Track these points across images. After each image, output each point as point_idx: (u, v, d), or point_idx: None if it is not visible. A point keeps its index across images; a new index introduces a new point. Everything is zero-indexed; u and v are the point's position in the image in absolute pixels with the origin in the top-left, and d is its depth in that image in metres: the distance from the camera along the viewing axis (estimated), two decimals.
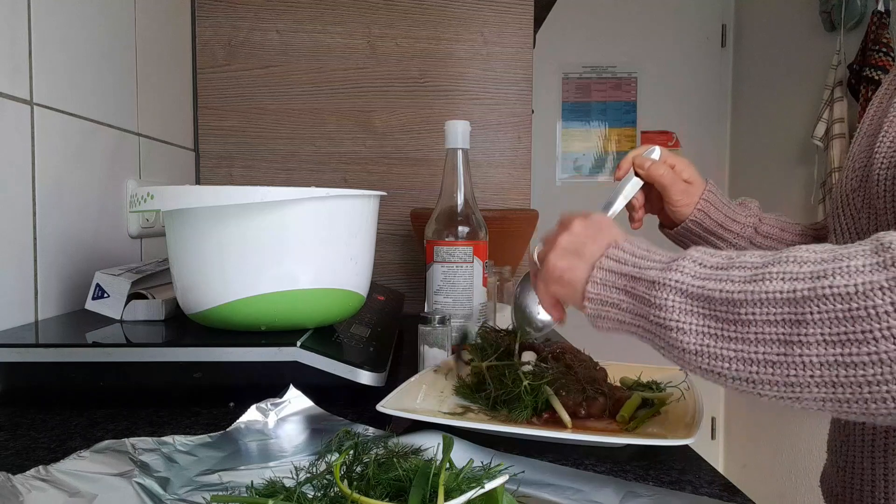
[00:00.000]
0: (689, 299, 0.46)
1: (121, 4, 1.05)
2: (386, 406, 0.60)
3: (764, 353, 0.42)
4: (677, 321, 0.46)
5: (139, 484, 0.47)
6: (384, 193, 0.81)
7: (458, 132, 0.90)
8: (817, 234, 0.82)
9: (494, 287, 0.98)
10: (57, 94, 0.87)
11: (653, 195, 0.80)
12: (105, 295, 0.80)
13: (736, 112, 2.90)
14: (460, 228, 0.90)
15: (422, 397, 0.67)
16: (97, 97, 0.98)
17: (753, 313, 0.42)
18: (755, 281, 0.43)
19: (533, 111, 1.45)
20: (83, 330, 0.75)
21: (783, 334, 0.41)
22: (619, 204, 0.74)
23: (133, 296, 0.81)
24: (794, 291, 0.41)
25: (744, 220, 0.80)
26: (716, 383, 0.46)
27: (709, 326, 0.45)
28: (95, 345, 0.68)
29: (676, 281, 0.46)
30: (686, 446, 0.59)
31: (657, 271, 0.48)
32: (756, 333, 0.42)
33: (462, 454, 0.52)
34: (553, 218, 0.73)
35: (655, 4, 2.88)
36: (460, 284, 0.90)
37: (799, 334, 0.40)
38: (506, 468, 0.42)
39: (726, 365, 0.44)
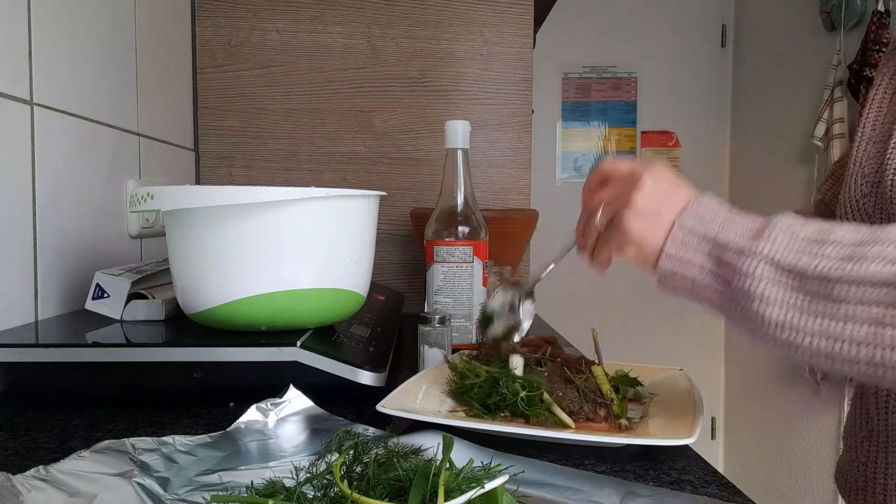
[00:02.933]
0: (779, 271, 0.45)
1: (121, 5, 1.05)
2: (386, 406, 0.60)
3: (851, 332, 0.42)
4: (763, 292, 0.45)
5: (139, 484, 0.47)
6: (384, 193, 0.81)
7: (458, 132, 0.90)
8: None
9: (494, 287, 0.98)
10: (57, 94, 0.87)
11: None
12: (105, 295, 0.80)
13: (736, 112, 2.90)
14: (460, 228, 0.90)
15: (422, 397, 0.67)
16: (97, 97, 0.98)
17: (848, 291, 0.42)
18: (852, 259, 0.43)
19: (533, 111, 1.45)
20: (83, 330, 0.75)
21: (876, 315, 0.41)
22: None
23: (133, 296, 0.81)
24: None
25: None
26: (785, 354, 0.46)
27: (796, 300, 0.44)
28: (95, 345, 0.68)
29: (769, 252, 0.45)
30: (686, 446, 0.59)
31: (747, 239, 0.47)
32: (847, 312, 0.42)
33: (462, 454, 0.52)
34: (553, 218, 0.72)
35: (655, 4, 2.88)
36: (460, 284, 0.90)
37: (894, 316, 0.41)
38: (506, 468, 0.42)
39: (808, 339, 0.44)
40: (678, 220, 0.50)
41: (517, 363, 0.66)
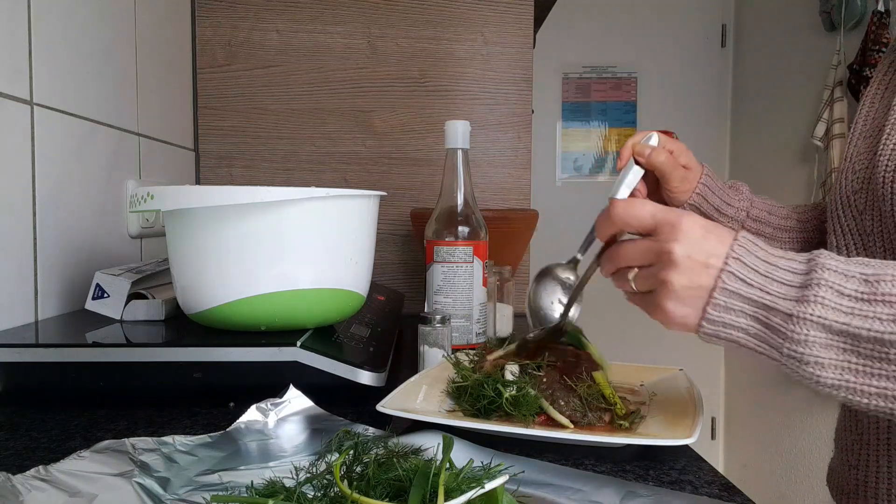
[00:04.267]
0: (830, 334, 0.44)
1: (121, 4, 1.05)
2: (386, 406, 0.60)
3: None
4: (816, 356, 0.45)
5: (139, 484, 0.47)
6: (384, 193, 0.81)
7: (458, 132, 0.90)
8: (800, 218, 0.82)
9: (494, 287, 0.98)
10: (57, 94, 0.87)
11: (649, 181, 0.78)
12: (105, 295, 0.80)
13: (736, 112, 2.90)
14: (460, 228, 0.90)
15: (422, 397, 0.67)
16: (97, 97, 0.98)
17: None
18: None
19: (533, 111, 1.45)
20: (83, 330, 0.75)
21: None
22: (623, 195, 0.71)
23: (133, 296, 0.81)
24: None
25: (738, 204, 0.80)
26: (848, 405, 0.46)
27: (849, 362, 0.44)
28: (95, 345, 0.68)
29: (818, 316, 0.44)
30: (686, 446, 0.59)
31: (792, 302, 0.45)
32: None
33: (462, 454, 0.52)
34: (553, 218, 0.72)
35: (655, 4, 2.88)
36: (460, 284, 0.90)
37: None
38: (506, 468, 0.42)
39: (865, 400, 0.44)
40: (718, 283, 0.47)
41: (512, 369, 0.66)
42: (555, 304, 0.68)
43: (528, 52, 1.42)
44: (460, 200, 0.91)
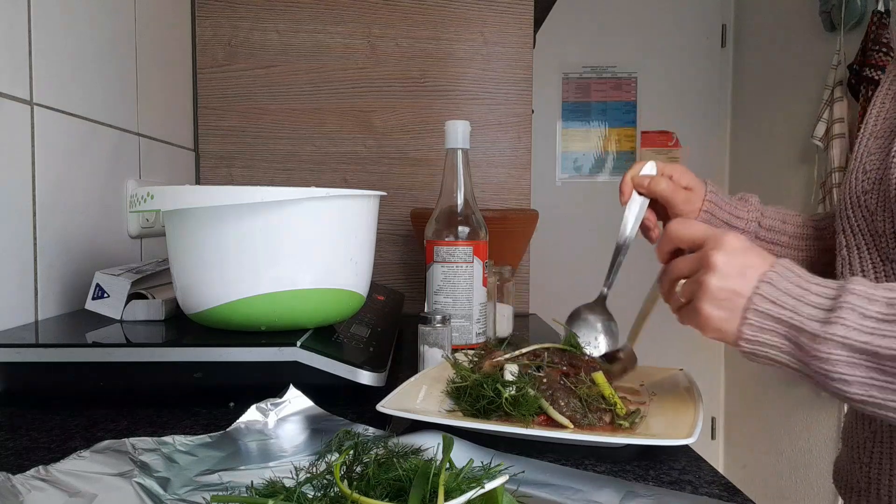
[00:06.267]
0: (853, 353, 0.47)
1: (121, 4, 1.05)
2: (386, 406, 0.60)
3: None
4: (841, 374, 0.48)
5: (139, 484, 0.47)
6: (384, 193, 0.81)
7: (458, 132, 0.90)
8: (817, 226, 0.83)
9: (494, 287, 0.98)
10: (57, 94, 0.87)
11: (657, 208, 0.81)
12: (105, 295, 0.80)
13: (736, 112, 2.90)
14: (460, 228, 0.90)
15: (422, 397, 0.67)
16: (97, 97, 0.98)
17: None
18: None
19: (533, 111, 1.45)
20: (83, 330, 0.75)
21: None
22: (633, 228, 0.77)
23: (133, 296, 0.81)
24: None
25: (746, 215, 0.81)
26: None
27: (874, 379, 0.47)
28: (95, 345, 0.68)
29: (841, 336, 0.47)
30: (686, 446, 0.59)
31: (818, 324, 0.49)
32: None
33: (462, 454, 0.52)
34: (553, 218, 0.73)
35: (655, 4, 2.88)
36: (460, 284, 0.90)
37: None
38: (506, 468, 0.42)
39: (892, 415, 0.48)
40: (752, 304, 0.51)
41: (511, 369, 0.65)
42: (591, 345, 0.75)
43: (528, 52, 1.42)
44: (460, 200, 0.91)
